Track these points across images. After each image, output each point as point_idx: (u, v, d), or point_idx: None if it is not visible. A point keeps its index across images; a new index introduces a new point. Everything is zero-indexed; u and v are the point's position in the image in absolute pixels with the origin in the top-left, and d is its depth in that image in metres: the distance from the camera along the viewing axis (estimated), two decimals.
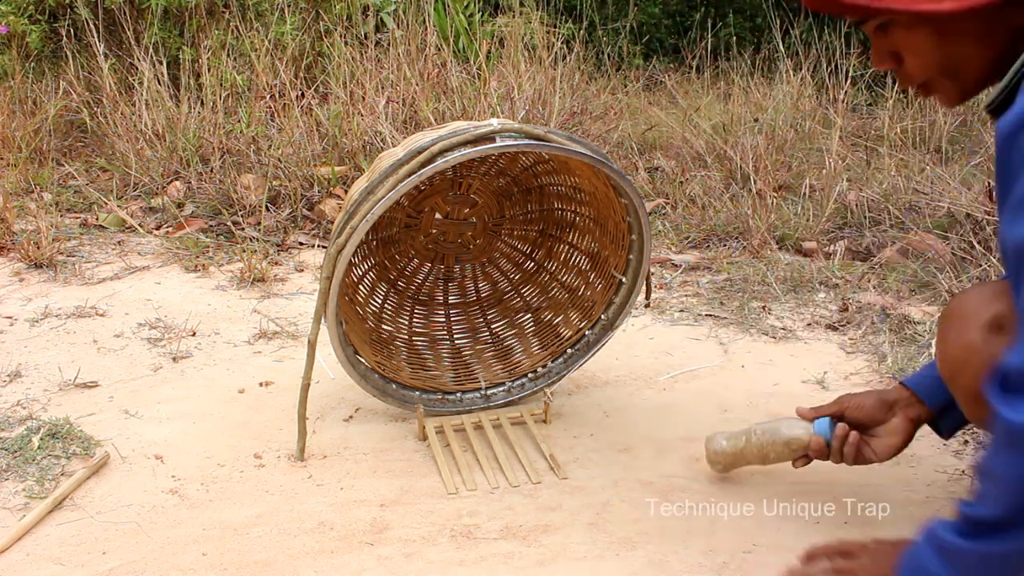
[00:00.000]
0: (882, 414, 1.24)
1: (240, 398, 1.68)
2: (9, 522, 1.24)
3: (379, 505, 1.31)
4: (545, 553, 1.20)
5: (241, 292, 2.26)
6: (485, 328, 1.80)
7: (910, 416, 1.23)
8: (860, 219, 2.67)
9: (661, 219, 2.85)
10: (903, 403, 1.23)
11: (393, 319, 1.75)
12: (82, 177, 3.10)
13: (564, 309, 1.74)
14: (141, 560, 1.17)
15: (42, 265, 2.34)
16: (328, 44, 3.46)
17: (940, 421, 1.23)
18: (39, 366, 1.78)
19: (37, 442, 1.44)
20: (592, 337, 1.68)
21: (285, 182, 2.86)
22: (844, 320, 2.06)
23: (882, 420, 1.24)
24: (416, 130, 3.08)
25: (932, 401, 1.21)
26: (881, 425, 1.24)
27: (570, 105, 3.45)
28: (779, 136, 3.16)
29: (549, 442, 1.51)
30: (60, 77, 3.43)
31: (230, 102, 3.22)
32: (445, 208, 1.72)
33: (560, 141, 1.37)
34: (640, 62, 4.69)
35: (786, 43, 3.65)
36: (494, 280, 1.83)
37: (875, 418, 1.24)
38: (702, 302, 2.21)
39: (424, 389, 1.62)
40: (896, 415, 1.23)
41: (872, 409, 1.24)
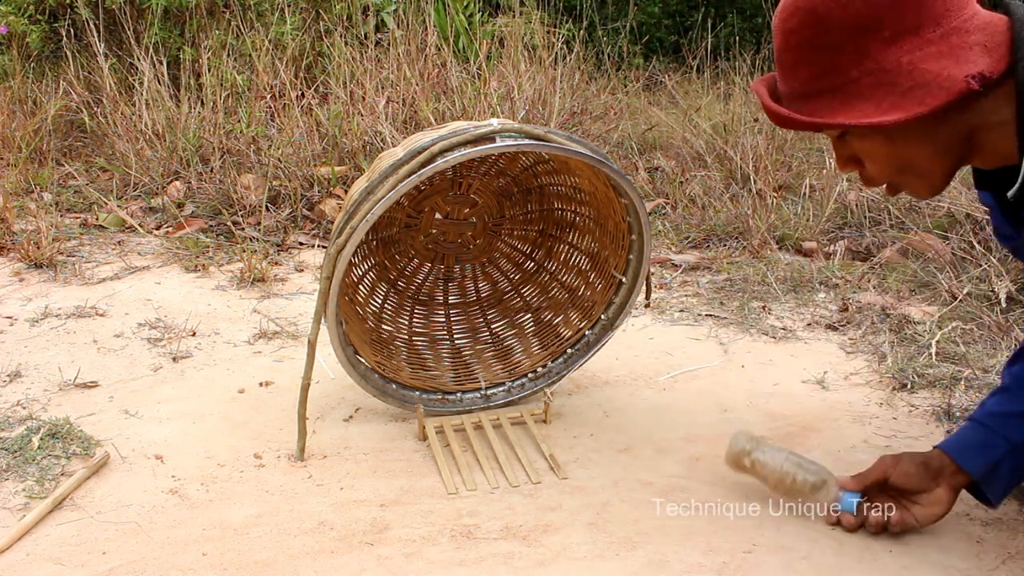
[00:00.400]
0: (926, 483, 1.20)
1: (240, 398, 1.68)
2: (9, 522, 1.24)
3: (379, 505, 1.31)
4: (545, 553, 1.20)
5: (241, 292, 2.26)
6: (485, 328, 1.80)
7: (952, 485, 1.20)
8: (860, 219, 2.67)
9: (661, 219, 2.85)
10: (947, 473, 1.20)
11: (393, 319, 1.75)
12: (82, 177, 3.10)
13: (564, 309, 1.74)
14: (141, 560, 1.17)
15: (42, 265, 2.34)
16: (328, 44, 3.46)
17: (986, 487, 1.19)
18: (39, 366, 1.78)
19: (37, 442, 1.44)
20: (592, 337, 1.68)
21: (285, 182, 2.86)
22: (844, 320, 2.06)
23: (926, 489, 1.21)
24: (416, 130, 3.08)
25: (975, 470, 1.18)
26: (924, 493, 1.21)
27: (570, 105, 3.45)
28: (779, 136, 3.16)
29: (549, 442, 1.51)
30: (60, 77, 3.43)
31: (230, 102, 3.22)
32: (445, 208, 1.72)
33: (560, 141, 1.37)
34: (640, 62, 4.69)
35: None
36: (494, 280, 1.83)
37: (920, 487, 1.21)
38: (702, 302, 2.21)
39: (424, 389, 1.62)
40: (940, 485, 1.20)
41: (919, 479, 1.20)
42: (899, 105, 0.98)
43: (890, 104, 0.98)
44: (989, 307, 2.02)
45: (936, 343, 1.84)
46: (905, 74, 0.98)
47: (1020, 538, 1.23)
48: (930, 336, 1.89)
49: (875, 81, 0.99)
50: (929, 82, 0.96)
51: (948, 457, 1.20)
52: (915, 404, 1.64)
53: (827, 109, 1.02)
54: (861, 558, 1.18)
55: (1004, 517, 1.28)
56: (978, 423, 1.20)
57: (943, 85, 0.96)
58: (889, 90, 0.98)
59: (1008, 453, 1.16)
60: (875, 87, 0.99)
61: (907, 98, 0.97)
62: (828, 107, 1.02)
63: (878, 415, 1.60)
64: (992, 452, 1.17)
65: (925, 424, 1.57)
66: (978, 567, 1.16)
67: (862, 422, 1.58)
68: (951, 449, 1.20)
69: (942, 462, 1.20)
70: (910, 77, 0.97)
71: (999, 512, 1.29)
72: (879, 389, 1.72)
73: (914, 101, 0.97)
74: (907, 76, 0.98)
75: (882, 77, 0.99)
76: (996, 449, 1.17)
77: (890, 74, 0.98)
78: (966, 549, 1.20)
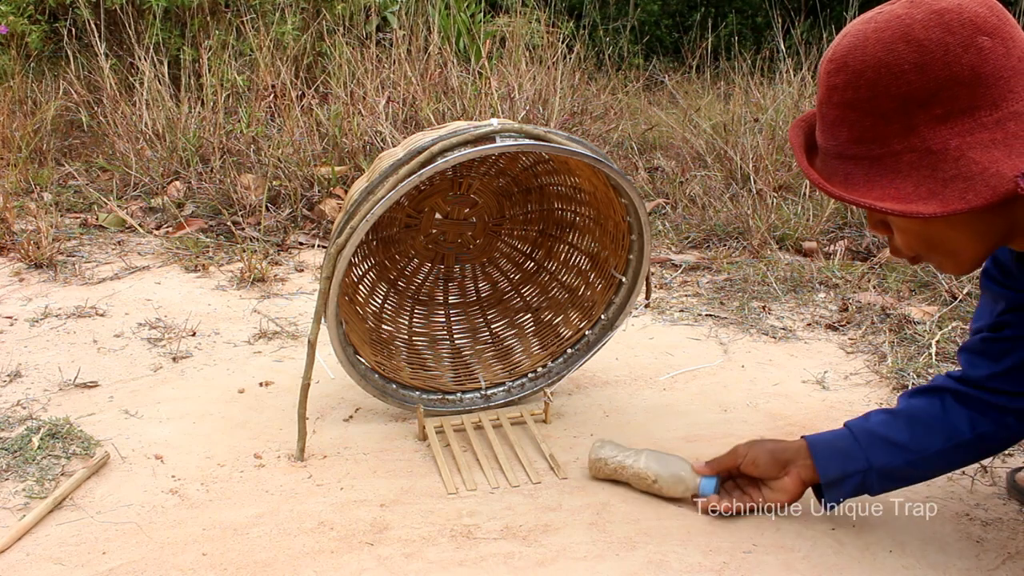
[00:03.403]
0: (775, 471, 1.24)
1: (240, 398, 1.68)
2: (9, 522, 1.24)
3: (379, 505, 1.31)
4: (545, 553, 1.20)
5: (241, 292, 2.26)
6: (485, 328, 1.80)
7: (802, 477, 1.23)
8: (860, 219, 2.67)
9: (661, 219, 2.85)
10: (801, 464, 1.23)
11: (393, 319, 1.75)
12: (82, 177, 3.10)
13: (564, 309, 1.74)
14: (141, 560, 1.17)
15: (42, 265, 2.34)
16: (329, 44, 3.46)
17: (827, 492, 1.22)
18: (39, 366, 1.78)
19: (37, 442, 1.44)
20: (592, 337, 1.68)
21: (285, 182, 2.86)
22: (844, 320, 2.06)
23: (775, 477, 1.25)
24: (416, 130, 3.08)
25: (826, 476, 1.21)
26: (774, 480, 1.25)
27: (570, 105, 3.45)
28: (779, 136, 3.16)
29: (549, 442, 1.51)
30: (60, 77, 3.43)
31: (230, 102, 3.22)
32: (445, 208, 1.72)
33: (560, 141, 1.37)
34: (640, 62, 4.69)
35: (787, 43, 3.65)
36: (494, 280, 1.83)
37: (768, 475, 1.25)
38: (702, 302, 2.21)
39: (424, 389, 1.62)
40: (790, 474, 1.23)
41: (766, 467, 1.25)
42: (938, 195, 0.89)
43: (928, 191, 0.89)
44: None
45: (936, 343, 1.84)
46: (951, 160, 0.88)
47: (1020, 538, 1.23)
48: (930, 336, 1.89)
49: (917, 160, 0.90)
50: (975, 175, 0.87)
51: (808, 452, 1.22)
52: None
53: (862, 179, 0.94)
54: (861, 558, 1.18)
55: (1004, 517, 1.28)
56: (851, 433, 1.21)
57: (989, 183, 0.86)
58: (930, 174, 0.89)
59: (862, 472, 1.19)
60: (916, 167, 0.90)
61: (948, 188, 0.88)
62: (864, 177, 0.94)
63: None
64: (849, 465, 1.19)
65: None
66: (978, 567, 1.16)
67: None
68: (815, 447, 1.22)
69: (799, 454, 1.23)
70: (955, 165, 0.88)
71: (999, 512, 1.29)
72: (879, 389, 1.72)
73: (955, 194, 0.88)
74: (952, 163, 0.88)
75: (925, 158, 0.90)
76: (854, 463, 1.19)
77: (935, 156, 0.89)
78: (966, 549, 1.20)
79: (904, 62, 0.89)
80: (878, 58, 0.90)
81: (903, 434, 1.18)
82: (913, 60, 0.88)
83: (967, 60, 0.87)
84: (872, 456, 1.18)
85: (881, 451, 1.18)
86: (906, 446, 1.17)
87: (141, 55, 3.25)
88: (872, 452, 1.18)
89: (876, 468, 1.18)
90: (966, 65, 0.87)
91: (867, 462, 1.18)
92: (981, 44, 0.88)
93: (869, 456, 1.18)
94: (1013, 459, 1.44)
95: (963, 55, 0.87)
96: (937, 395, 1.19)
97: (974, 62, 0.87)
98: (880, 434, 1.19)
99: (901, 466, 1.18)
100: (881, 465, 1.18)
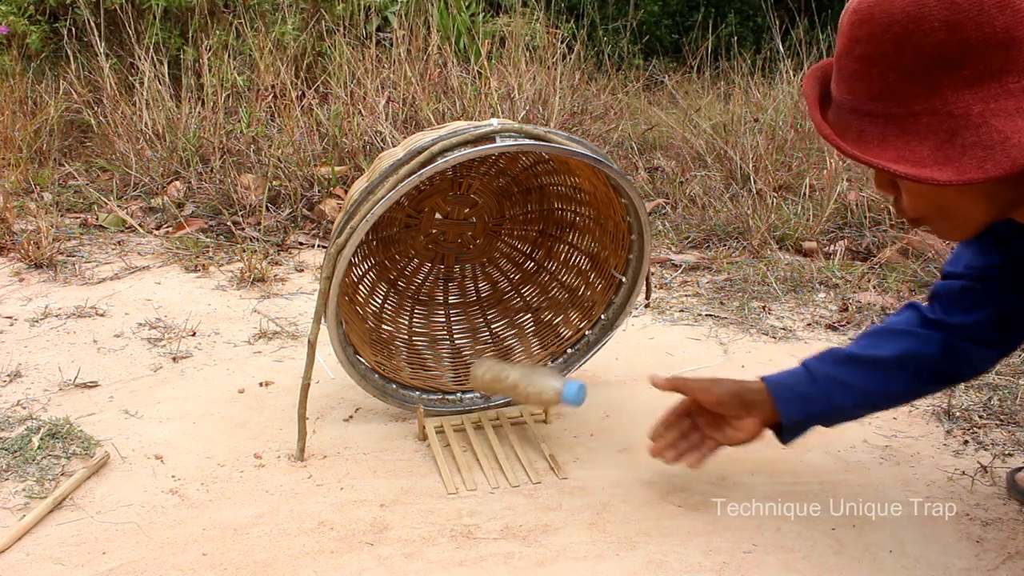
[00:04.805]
0: (739, 411, 1.24)
1: (240, 398, 1.68)
2: (9, 522, 1.24)
3: (379, 505, 1.31)
4: (545, 553, 1.20)
5: (241, 292, 2.26)
6: (485, 328, 1.80)
7: (763, 420, 1.24)
8: (860, 219, 2.68)
9: (661, 219, 2.85)
10: (762, 408, 1.23)
11: (393, 319, 1.75)
12: (82, 177, 3.10)
13: (564, 309, 1.74)
14: (141, 560, 1.17)
15: (42, 265, 2.34)
16: (329, 44, 3.46)
17: (785, 433, 1.24)
18: (39, 366, 1.78)
19: (37, 442, 1.44)
20: (592, 337, 1.68)
21: (285, 182, 2.86)
22: (844, 320, 2.06)
23: (738, 416, 1.25)
24: (416, 130, 3.08)
25: (788, 418, 1.22)
26: (737, 420, 1.25)
27: (570, 105, 3.45)
28: (779, 136, 3.16)
29: (549, 442, 1.51)
30: (61, 77, 3.43)
31: (230, 102, 3.22)
32: (445, 208, 1.72)
33: (560, 141, 1.37)
34: (640, 62, 4.69)
35: (786, 43, 3.65)
36: (494, 280, 1.83)
37: (732, 414, 1.25)
38: (702, 302, 2.21)
39: (424, 389, 1.62)
40: (752, 415, 1.24)
41: (730, 406, 1.24)
42: (954, 161, 0.85)
43: (944, 156, 0.86)
44: None
45: None
46: (972, 127, 0.85)
47: (1020, 538, 1.23)
48: None
49: (936, 124, 0.87)
50: (995, 144, 0.83)
51: (769, 396, 1.23)
52: (915, 404, 1.64)
53: (876, 138, 0.90)
54: (861, 558, 1.18)
55: (1004, 517, 1.28)
56: (810, 375, 1.22)
57: (1010, 153, 0.83)
58: (948, 139, 0.86)
59: (821, 413, 1.21)
60: (934, 130, 0.87)
61: (966, 156, 0.85)
62: (878, 136, 0.90)
63: (878, 415, 1.60)
64: (811, 407, 1.21)
65: (925, 424, 1.57)
66: (978, 567, 1.16)
67: (862, 422, 1.58)
68: (775, 391, 1.23)
69: (760, 397, 1.23)
70: (976, 132, 0.85)
71: (999, 512, 1.29)
72: None
73: (972, 163, 0.84)
74: (973, 130, 0.85)
75: (945, 121, 0.86)
76: (815, 405, 1.21)
77: (955, 121, 0.85)
78: (966, 549, 1.20)
79: (934, 19, 0.84)
80: (907, 12, 0.85)
81: (863, 378, 1.20)
82: (944, 17, 0.83)
83: (1001, 22, 0.83)
84: (834, 399, 1.20)
85: (843, 393, 1.20)
86: (863, 390, 1.20)
87: (141, 55, 3.25)
88: (833, 394, 1.20)
89: (837, 407, 1.21)
90: (1000, 27, 0.83)
91: (828, 403, 1.20)
92: (1018, 6, 0.83)
93: (831, 398, 1.20)
94: (1013, 459, 1.44)
95: (998, 16, 0.83)
96: (902, 337, 1.21)
97: (1009, 24, 0.83)
98: (841, 377, 1.20)
99: (857, 405, 1.22)
100: (839, 405, 1.21)
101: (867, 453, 1.46)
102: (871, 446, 1.49)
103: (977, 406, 1.60)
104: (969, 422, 1.56)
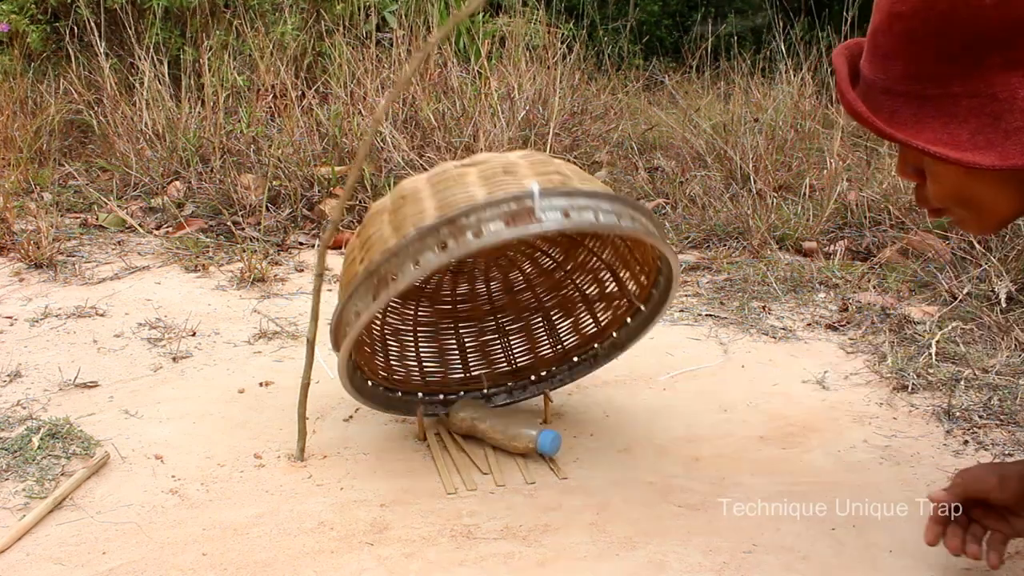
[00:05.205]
0: None
1: (240, 398, 1.68)
2: (9, 522, 1.24)
3: (379, 505, 1.31)
4: (545, 553, 1.20)
5: (241, 292, 2.26)
6: (492, 328, 1.78)
7: None
8: (860, 219, 2.68)
9: (661, 219, 2.85)
10: None
11: (398, 319, 1.74)
12: (82, 177, 3.10)
13: (577, 316, 1.71)
14: (141, 560, 1.17)
15: (42, 265, 2.34)
16: (329, 44, 3.46)
17: None
18: (39, 366, 1.78)
19: (37, 442, 1.44)
20: (601, 352, 1.66)
21: (285, 182, 2.86)
22: (844, 320, 2.06)
23: None
24: (416, 130, 3.08)
25: None
26: None
27: (570, 105, 3.45)
28: (779, 136, 3.16)
29: None
30: (61, 77, 3.43)
31: (230, 102, 3.22)
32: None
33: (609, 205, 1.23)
34: (640, 62, 4.69)
35: (786, 43, 3.65)
36: (506, 282, 1.81)
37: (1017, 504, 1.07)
38: (702, 302, 2.21)
39: (427, 392, 1.62)
40: None
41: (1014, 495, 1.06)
42: (997, 146, 0.81)
43: (986, 140, 0.81)
44: (989, 307, 2.02)
45: (936, 343, 1.84)
46: (1017, 112, 0.80)
47: (1020, 538, 1.23)
48: (930, 336, 1.89)
49: (977, 106, 0.82)
50: None
51: None
52: (915, 404, 1.64)
53: (910, 118, 0.85)
54: (861, 558, 1.18)
55: None
56: None
57: None
58: (991, 123, 0.81)
59: None
60: (976, 113, 0.82)
61: (1009, 140, 0.80)
62: (912, 116, 0.85)
63: (878, 415, 1.61)
64: None
65: (925, 424, 1.57)
66: (978, 567, 1.16)
67: (862, 422, 1.58)
68: None
69: None
70: (1020, 117, 0.80)
71: None
72: (879, 389, 1.72)
73: (1017, 148, 0.80)
74: (1018, 115, 0.80)
75: (988, 105, 0.81)
76: None
77: (999, 104, 0.81)
78: None
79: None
80: None
81: None
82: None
83: None
84: None
85: None
86: None
87: (141, 55, 3.25)
88: None
89: None
90: None
91: None
92: None
93: None
94: (1013, 459, 1.44)
95: None
96: None
97: None
98: None
99: None
100: None
101: (867, 453, 1.46)
102: (871, 446, 1.49)
103: (977, 406, 1.60)
104: (969, 422, 1.56)
